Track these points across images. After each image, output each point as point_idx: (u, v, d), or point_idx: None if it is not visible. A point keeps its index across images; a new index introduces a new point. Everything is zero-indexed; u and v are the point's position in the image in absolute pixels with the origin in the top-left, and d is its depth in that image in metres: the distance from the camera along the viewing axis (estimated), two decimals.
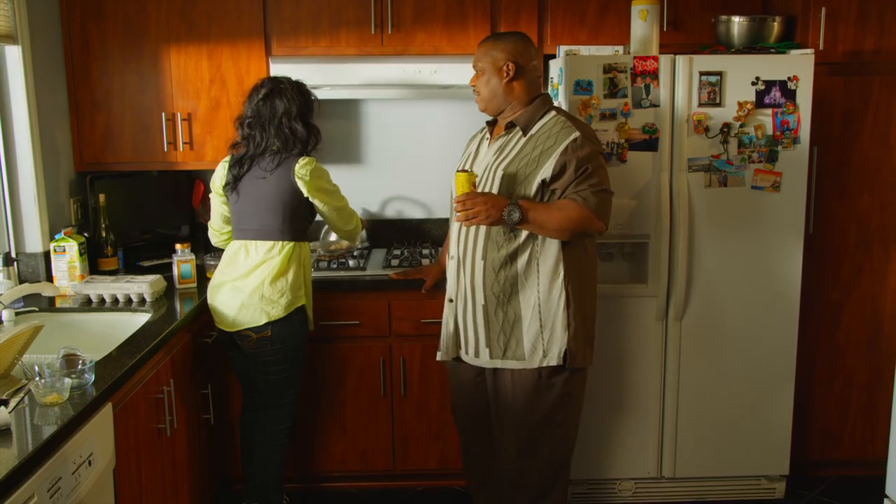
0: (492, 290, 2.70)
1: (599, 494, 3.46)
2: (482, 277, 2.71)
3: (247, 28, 3.47)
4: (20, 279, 3.28)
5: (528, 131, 2.69)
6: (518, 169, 2.64)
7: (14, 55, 3.17)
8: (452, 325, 2.84)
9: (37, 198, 3.28)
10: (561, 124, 2.66)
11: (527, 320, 2.70)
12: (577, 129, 2.64)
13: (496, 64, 2.69)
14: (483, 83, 2.72)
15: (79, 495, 1.99)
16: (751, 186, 3.21)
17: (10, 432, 1.91)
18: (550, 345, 2.70)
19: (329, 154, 3.93)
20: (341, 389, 3.43)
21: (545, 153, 2.63)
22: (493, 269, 2.69)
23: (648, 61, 3.13)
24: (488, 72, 2.70)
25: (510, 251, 2.67)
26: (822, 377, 3.57)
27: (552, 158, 2.61)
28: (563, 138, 2.62)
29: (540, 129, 2.67)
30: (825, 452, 3.63)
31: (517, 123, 2.70)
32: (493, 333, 2.74)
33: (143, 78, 3.49)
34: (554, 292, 2.68)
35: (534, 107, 2.71)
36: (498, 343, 2.74)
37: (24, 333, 2.36)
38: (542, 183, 2.63)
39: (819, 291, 3.49)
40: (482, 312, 2.74)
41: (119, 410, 2.28)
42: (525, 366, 2.72)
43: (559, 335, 2.69)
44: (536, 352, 2.71)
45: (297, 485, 3.52)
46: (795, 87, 3.15)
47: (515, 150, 2.68)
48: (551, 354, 2.70)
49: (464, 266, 2.76)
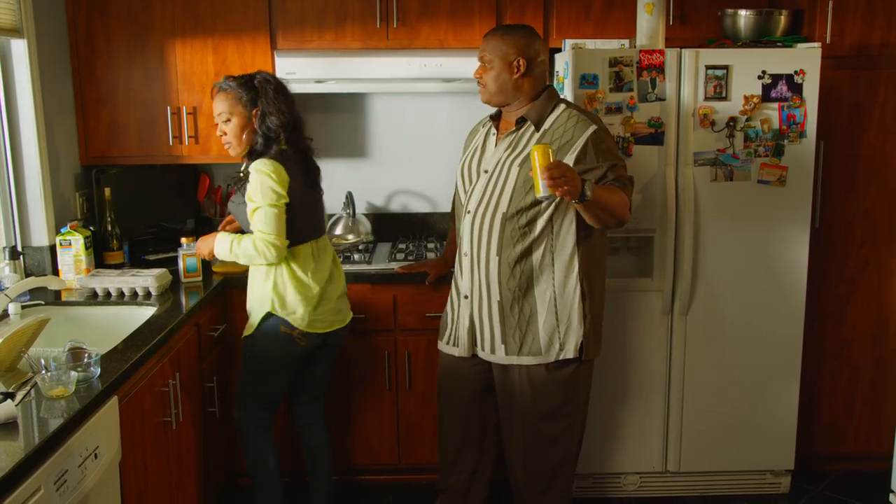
0: (507, 286, 2.69)
1: (604, 488, 3.46)
2: (497, 274, 2.70)
3: (252, 22, 3.46)
4: (26, 273, 3.28)
5: (541, 126, 2.66)
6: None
7: (20, 49, 3.18)
8: (468, 321, 2.81)
9: (42, 192, 3.29)
10: (575, 118, 2.64)
11: (542, 315, 2.69)
12: (592, 122, 2.63)
13: (506, 59, 2.65)
14: (492, 77, 2.68)
15: (85, 488, 2.00)
16: (757, 181, 3.20)
17: (16, 425, 1.91)
18: (567, 338, 2.70)
19: (334, 148, 3.93)
20: (346, 383, 3.44)
21: (563, 148, 2.60)
22: (509, 265, 2.68)
23: (654, 55, 3.12)
24: (497, 66, 2.66)
25: (525, 246, 2.66)
26: (827, 372, 3.56)
27: (571, 153, 2.59)
28: (580, 132, 2.60)
29: (553, 124, 2.65)
30: (831, 447, 3.63)
31: (528, 118, 2.68)
32: (508, 329, 2.72)
33: (149, 72, 3.49)
34: (569, 286, 2.68)
35: (542, 101, 2.69)
36: (514, 339, 2.72)
37: (30, 327, 2.36)
38: None
39: (825, 286, 3.48)
40: (497, 309, 2.72)
41: (125, 404, 2.29)
42: (541, 361, 2.71)
43: (575, 328, 2.70)
44: (553, 346, 2.70)
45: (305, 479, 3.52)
46: (802, 80, 3.14)
47: (530, 145, 2.64)
48: (568, 347, 2.70)
49: (478, 263, 2.74)
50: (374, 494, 3.53)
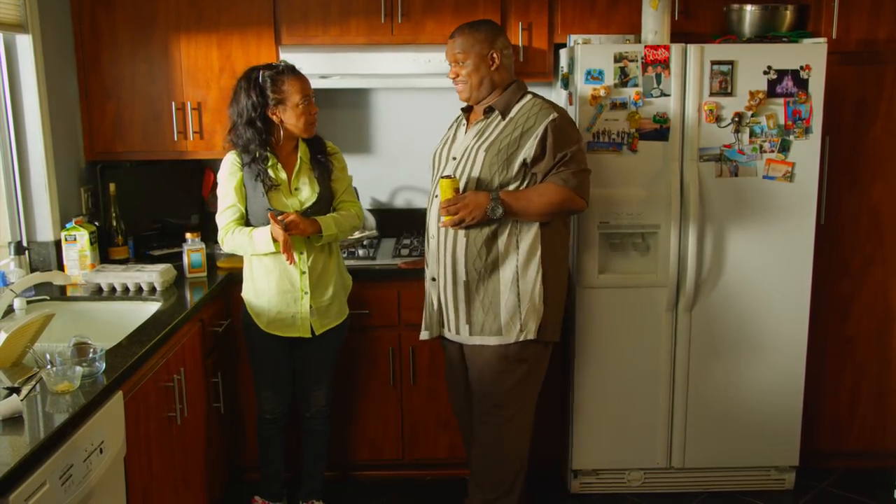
0: (473, 266, 2.80)
1: (608, 484, 3.46)
2: (464, 254, 2.80)
3: (256, 17, 3.46)
4: (31, 268, 3.29)
5: (507, 114, 2.79)
6: (500, 149, 2.75)
7: (25, 44, 3.18)
8: (436, 303, 2.93)
9: (48, 187, 3.29)
10: (539, 106, 2.77)
11: (504, 295, 2.80)
12: (554, 111, 2.75)
13: (481, 53, 2.79)
14: (470, 72, 2.79)
15: (90, 483, 2.00)
16: (762, 176, 3.19)
17: (22, 420, 1.92)
18: (528, 319, 2.81)
19: (338, 143, 3.91)
20: (350, 378, 3.44)
21: (525, 133, 2.73)
22: (475, 246, 2.79)
23: (659, 50, 3.11)
24: (474, 61, 2.79)
25: (492, 229, 2.78)
26: (832, 368, 3.55)
27: (532, 138, 2.72)
28: (542, 119, 2.73)
29: (519, 112, 2.78)
30: (835, 443, 3.62)
31: (496, 108, 2.81)
32: (473, 309, 2.84)
33: (153, 67, 3.49)
34: (531, 268, 2.79)
35: (510, 91, 2.82)
36: (477, 318, 2.83)
37: (35, 322, 2.37)
38: (523, 163, 2.74)
39: (830, 282, 3.47)
40: (463, 288, 2.83)
41: (130, 399, 2.29)
42: (502, 341, 2.82)
43: (536, 309, 2.80)
44: (514, 326, 2.81)
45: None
46: (808, 76, 3.13)
47: (496, 133, 2.78)
48: (528, 329, 2.81)
49: (445, 244, 2.84)
50: (378, 490, 3.53)
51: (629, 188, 3.19)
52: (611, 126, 3.14)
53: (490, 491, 2.98)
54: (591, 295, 3.27)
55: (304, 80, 2.88)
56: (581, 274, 3.25)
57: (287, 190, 2.94)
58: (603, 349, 3.31)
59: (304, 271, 2.94)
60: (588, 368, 3.32)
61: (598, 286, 3.26)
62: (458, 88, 2.85)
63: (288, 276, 2.94)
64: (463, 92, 2.84)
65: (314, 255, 2.95)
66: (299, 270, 2.94)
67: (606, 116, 3.13)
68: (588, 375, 3.33)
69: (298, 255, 2.90)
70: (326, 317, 3.02)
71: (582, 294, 3.27)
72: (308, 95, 2.88)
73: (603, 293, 3.27)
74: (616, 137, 3.15)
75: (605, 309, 3.28)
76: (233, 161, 2.95)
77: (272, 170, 2.91)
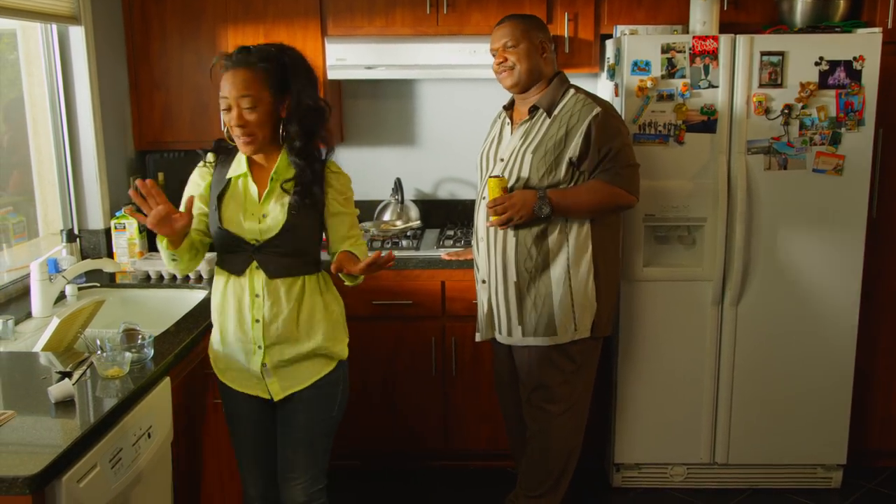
0: (524, 266, 2.77)
1: (650, 478, 3.44)
2: (514, 254, 2.78)
3: (303, 8, 3.48)
4: (82, 255, 3.36)
5: (552, 112, 2.76)
6: (546, 151, 2.72)
7: (77, 36, 3.24)
8: (486, 306, 2.91)
9: (98, 176, 3.36)
10: (582, 102, 2.74)
11: (558, 295, 2.77)
12: (597, 105, 2.72)
13: (532, 39, 2.77)
14: (522, 57, 2.76)
15: (139, 466, 2.04)
16: (812, 169, 3.14)
17: (73, 404, 1.97)
18: (582, 318, 2.79)
19: (384, 135, 3.94)
20: (392, 368, 3.46)
21: (570, 132, 2.71)
22: (525, 246, 2.76)
23: (708, 41, 3.06)
24: (526, 48, 2.76)
25: (541, 228, 2.75)
26: (883, 366, 3.48)
27: (577, 136, 2.70)
28: (585, 115, 2.71)
29: (562, 109, 2.75)
30: (885, 442, 3.55)
31: (540, 106, 2.78)
32: (524, 311, 2.80)
33: (201, 57, 3.53)
34: (583, 265, 2.77)
35: (553, 87, 2.80)
36: (529, 319, 2.80)
37: (86, 308, 2.42)
38: (570, 163, 2.72)
39: (882, 278, 3.40)
40: (514, 290, 2.80)
41: (177, 385, 2.33)
42: (557, 341, 2.80)
43: (590, 306, 2.78)
44: (568, 326, 2.78)
45: (352, 462, 3.56)
46: (861, 67, 3.06)
47: (542, 133, 2.75)
48: (582, 327, 2.80)
49: (495, 245, 2.82)
50: (421, 481, 3.55)
51: (675, 180, 3.16)
52: (657, 118, 3.11)
53: (536, 487, 2.97)
54: (635, 288, 3.25)
55: (237, 77, 2.17)
56: (626, 267, 3.22)
57: (251, 211, 2.25)
58: (647, 343, 3.28)
59: (257, 319, 2.23)
60: (632, 362, 3.30)
61: (643, 279, 3.24)
62: (503, 76, 2.80)
63: (242, 319, 2.26)
64: (509, 78, 2.79)
65: (273, 300, 2.23)
66: (252, 318, 2.24)
67: (653, 108, 3.10)
68: (632, 369, 3.31)
69: (252, 298, 2.24)
70: (289, 378, 2.30)
71: (627, 287, 3.24)
72: (226, 98, 2.17)
73: (648, 286, 3.24)
74: (662, 129, 3.11)
75: (650, 302, 3.25)
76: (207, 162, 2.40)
77: (241, 180, 2.29)
